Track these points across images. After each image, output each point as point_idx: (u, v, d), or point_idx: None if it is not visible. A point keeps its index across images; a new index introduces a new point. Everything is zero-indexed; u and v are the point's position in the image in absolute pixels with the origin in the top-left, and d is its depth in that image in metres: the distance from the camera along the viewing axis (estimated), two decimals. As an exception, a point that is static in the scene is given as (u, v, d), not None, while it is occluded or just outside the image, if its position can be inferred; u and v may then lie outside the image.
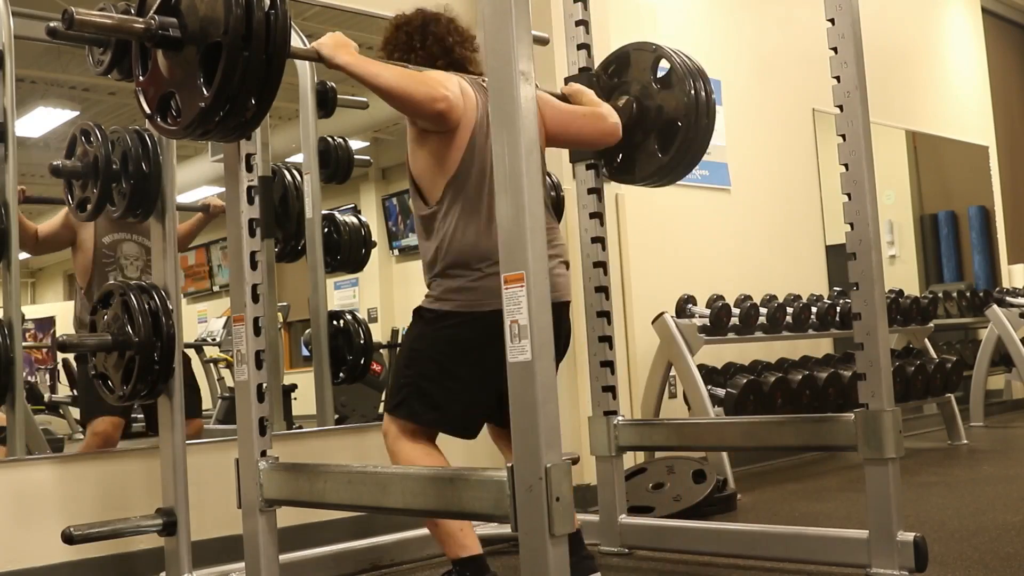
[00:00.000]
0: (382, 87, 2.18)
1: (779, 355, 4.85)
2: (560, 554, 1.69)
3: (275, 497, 2.32)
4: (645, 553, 3.05)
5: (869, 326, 2.52)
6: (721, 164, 4.96)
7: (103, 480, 2.87)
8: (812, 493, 4.06)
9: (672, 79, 2.94)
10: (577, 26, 3.16)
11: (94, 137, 2.57)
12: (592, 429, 3.10)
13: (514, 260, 1.73)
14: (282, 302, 4.39)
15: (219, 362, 5.76)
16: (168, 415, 2.48)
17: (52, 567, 2.69)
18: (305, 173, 3.48)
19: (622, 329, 3.98)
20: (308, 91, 3.50)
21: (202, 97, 1.84)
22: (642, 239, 4.27)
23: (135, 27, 1.90)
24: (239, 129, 1.98)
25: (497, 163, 1.77)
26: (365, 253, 3.68)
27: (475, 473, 1.86)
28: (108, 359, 2.49)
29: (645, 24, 4.52)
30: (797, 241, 5.43)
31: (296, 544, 2.89)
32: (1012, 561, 2.60)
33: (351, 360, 3.46)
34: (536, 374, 1.69)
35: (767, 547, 2.80)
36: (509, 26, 1.76)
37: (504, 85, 1.76)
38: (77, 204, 2.64)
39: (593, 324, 3.09)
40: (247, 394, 2.33)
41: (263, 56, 1.84)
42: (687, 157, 2.94)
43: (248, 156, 2.37)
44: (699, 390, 4.01)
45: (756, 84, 5.26)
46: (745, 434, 3.03)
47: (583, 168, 3.13)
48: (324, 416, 3.46)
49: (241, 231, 2.35)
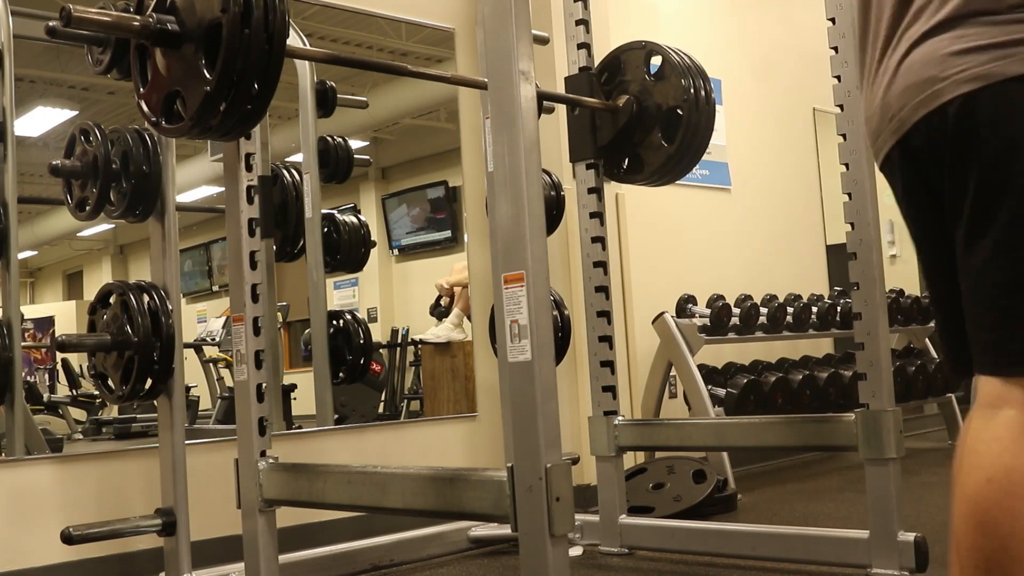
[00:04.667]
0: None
1: (779, 355, 4.85)
2: (560, 554, 1.69)
3: (275, 497, 2.32)
4: (645, 553, 3.05)
5: (870, 326, 2.52)
6: (721, 164, 4.95)
7: (102, 480, 2.86)
8: (812, 493, 4.06)
9: (666, 71, 3.00)
10: (577, 25, 3.16)
11: (93, 136, 2.56)
12: (592, 429, 3.10)
13: (514, 260, 1.72)
14: (282, 302, 4.39)
15: (218, 362, 5.76)
16: (167, 415, 2.48)
17: (51, 567, 2.69)
18: (305, 173, 3.48)
19: (622, 329, 3.98)
20: (308, 90, 3.50)
21: (206, 82, 1.83)
22: (642, 239, 4.27)
23: (133, 24, 1.89)
24: (243, 121, 1.97)
25: (497, 163, 1.76)
26: (365, 253, 3.68)
27: (475, 473, 1.86)
28: (107, 359, 2.49)
29: (645, 23, 4.51)
30: (797, 241, 5.43)
31: (296, 544, 2.89)
32: (1013, 561, 2.60)
33: (351, 360, 3.45)
34: (536, 374, 1.69)
35: (767, 547, 2.80)
36: (509, 26, 1.76)
37: (504, 85, 1.76)
38: (76, 204, 2.64)
39: (593, 324, 3.08)
40: (247, 394, 2.33)
41: (263, 35, 1.83)
42: (693, 143, 2.99)
43: (248, 156, 2.37)
44: (699, 390, 4.00)
45: (756, 84, 5.26)
46: (745, 434, 3.03)
47: (583, 168, 3.13)
48: (324, 416, 3.46)
49: (241, 231, 2.35)
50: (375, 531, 3.10)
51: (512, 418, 1.73)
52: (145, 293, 2.45)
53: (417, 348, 4.87)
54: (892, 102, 1.25)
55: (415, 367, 4.95)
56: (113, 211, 2.57)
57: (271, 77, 1.89)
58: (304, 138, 3.51)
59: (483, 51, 1.87)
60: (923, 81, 1.19)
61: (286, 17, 1.88)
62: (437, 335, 4.48)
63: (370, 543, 3.02)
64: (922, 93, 1.20)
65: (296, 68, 3.47)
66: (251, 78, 1.85)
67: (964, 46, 1.16)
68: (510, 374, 1.72)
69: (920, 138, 1.22)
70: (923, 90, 1.20)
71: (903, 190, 1.31)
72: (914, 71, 1.21)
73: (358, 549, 2.98)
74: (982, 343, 1.21)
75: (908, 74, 1.22)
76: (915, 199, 1.30)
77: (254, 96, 1.88)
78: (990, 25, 1.15)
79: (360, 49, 4.15)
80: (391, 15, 3.77)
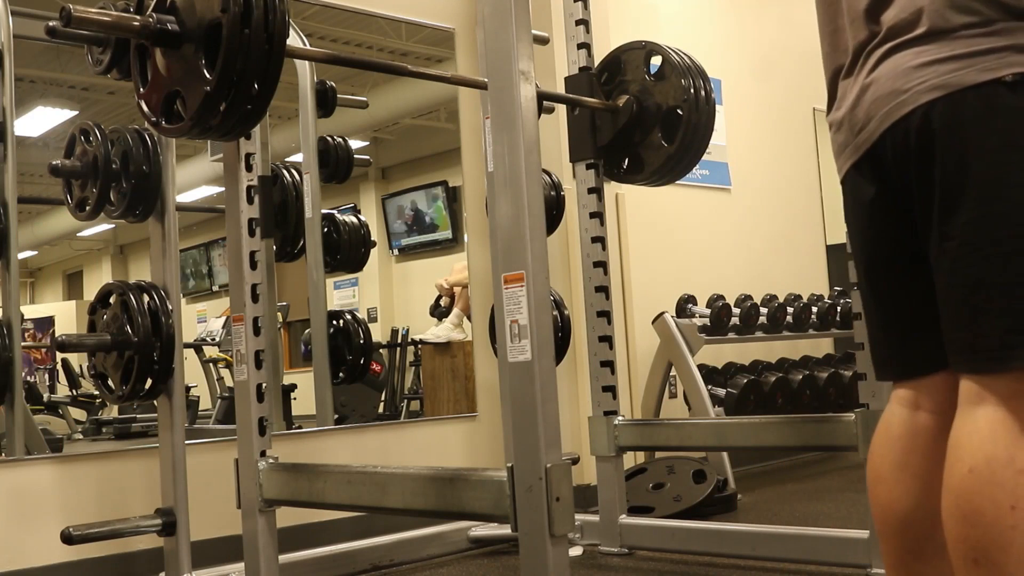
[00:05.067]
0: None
1: (779, 355, 4.85)
2: (560, 554, 1.69)
3: (275, 497, 2.32)
4: (645, 553, 3.05)
5: (870, 326, 2.52)
6: (721, 164, 4.95)
7: (102, 480, 2.86)
8: (812, 493, 4.06)
9: (666, 71, 3.00)
10: (577, 25, 3.16)
11: (93, 136, 2.56)
12: (592, 429, 3.10)
13: (514, 260, 1.72)
14: (282, 302, 4.39)
15: (218, 362, 5.76)
16: (167, 415, 2.48)
17: (51, 567, 2.69)
18: (305, 173, 3.48)
19: (622, 329, 3.98)
20: (308, 90, 3.50)
21: (206, 81, 1.83)
22: (642, 239, 4.27)
23: (133, 24, 1.89)
24: (243, 121, 1.97)
25: (497, 163, 1.77)
26: (365, 253, 3.68)
27: (475, 473, 1.86)
28: (107, 359, 2.49)
29: (645, 23, 4.51)
30: (797, 241, 5.43)
31: (296, 544, 2.89)
32: (1013, 561, 2.60)
33: (351, 360, 3.45)
34: (536, 374, 1.69)
35: (767, 547, 2.80)
36: (509, 26, 1.76)
37: (504, 85, 1.76)
38: (76, 204, 2.64)
39: (593, 324, 3.08)
40: (247, 394, 2.33)
41: (263, 35, 1.83)
42: (693, 143, 2.99)
43: (248, 155, 2.37)
44: (699, 390, 4.00)
45: (756, 84, 5.26)
46: (745, 434, 3.03)
47: (583, 168, 3.13)
48: (324, 416, 3.46)
49: (241, 231, 2.35)
50: (375, 531, 3.10)
51: (512, 418, 1.73)
52: (145, 293, 2.45)
53: (417, 348, 4.87)
54: (860, 115, 1.32)
55: (415, 367, 4.95)
56: (113, 211, 2.57)
57: (271, 77, 1.88)
58: (304, 138, 3.51)
59: (483, 51, 1.87)
60: (888, 93, 1.27)
61: (286, 17, 1.88)
62: (437, 335, 4.48)
63: (370, 543, 3.02)
64: (888, 104, 1.27)
65: (296, 68, 3.47)
66: (251, 78, 1.85)
67: (925, 59, 1.24)
68: (510, 374, 1.72)
69: (887, 148, 1.29)
70: (889, 102, 1.27)
71: (870, 200, 1.37)
72: (880, 84, 1.28)
73: (358, 549, 2.98)
74: (957, 343, 1.25)
75: (875, 87, 1.29)
76: (881, 208, 1.36)
77: (254, 96, 1.88)
78: (948, 40, 1.23)
79: (360, 49, 4.15)
80: (391, 15, 3.77)
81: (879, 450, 1.40)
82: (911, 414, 1.38)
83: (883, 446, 1.39)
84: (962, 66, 1.21)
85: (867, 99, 1.31)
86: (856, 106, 1.33)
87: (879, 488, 1.37)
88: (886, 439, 1.39)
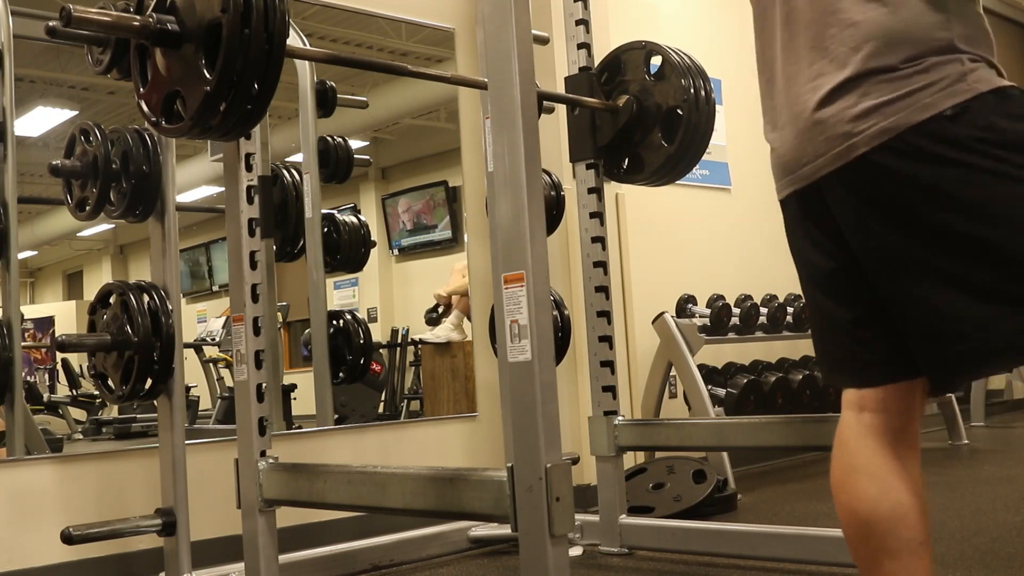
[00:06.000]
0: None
1: (780, 355, 4.85)
2: (560, 554, 1.69)
3: (275, 497, 2.32)
4: (645, 553, 3.05)
5: (870, 326, 2.52)
6: (721, 164, 4.95)
7: (102, 480, 2.86)
8: (812, 493, 4.06)
9: (666, 71, 3.00)
10: (577, 25, 3.16)
11: (93, 136, 2.56)
12: (592, 429, 3.10)
13: (514, 260, 1.73)
14: (282, 302, 4.39)
15: (218, 362, 5.77)
16: (167, 415, 2.48)
17: (51, 567, 2.69)
18: (305, 173, 3.48)
19: (622, 329, 3.98)
20: (308, 90, 3.50)
21: (206, 82, 1.83)
22: (642, 239, 4.27)
23: (133, 24, 1.89)
24: (243, 121, 1.97)
25: (497, 163, 1.77)
26: (364, 253, 3.68)
27: (475, 473, 1.86)
28: (107, 359, 2.49)
29: (645, 23, 4.51)
30: (797, 241, 5.42)
31: (296, 544, 2.89)
32: (1013, 561, 2.60)
33: (351, 360, 3.45)
34: (536, 374, 1.69)
35: (767, 547, 2.80)
36: (509, 26, 1.76)
37: (504, 85, 1.76)
38: (76, 204, 2.64)
39: (593, 324, 3.08)
40: (247, 394, 2.33)
41: (263, 35, 1.83)
42: (693, 143, 2.99)
43: (248, 155, 2.37)
44: (699, 390, 4.00)
45: (756, 84, 5.24)
46: (745, 434, 3.03)
47: (583, 168, 3.13)
48: (324, 416, 3.46)
49: (241, 231, 2.35)
50: (375, 531, 3.10)
51: (512, 418, 1.73)
52: (145, 293, 2.45)
53: (417, 348, 4.87)
54: (807, 149, 1.38)
55: (415, 367, 4.95)
56: (113, 211, 2.57)
57: (271, 77, 1.88)
58: (304, 138, 3.52)
59: (483, 51, 1.87)
60: (838, 136, 1.33)
61: (286, 17, 1.88)
62: (437, 335, 4.48)
63: (370, 543, 3.02)
64: (838, 146, 1.33)
65: (296, 68, 3.47)
66: (251, 78, 1.85)
67: (872, 103, 1.30)
68: (510, 374, 1.72)
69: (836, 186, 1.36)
70: (838, 144, 1.33)
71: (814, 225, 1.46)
72: (829, 126, 1.34)
73: (358, 549, 2.98)
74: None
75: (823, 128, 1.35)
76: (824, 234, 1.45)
77: (254, 96, 1.87)
78: (891, 81, 1.29)
79: (360, 49, 4.15)
80: (391, 15, 3.77)
81: (834, 455, 1.44)
82: (856, 416, 1.42)
83: (836, 450, 1.43)
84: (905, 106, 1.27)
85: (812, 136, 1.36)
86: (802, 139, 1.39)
87: (840, 494, 1.41)
88: (838, 443, 1.43)
